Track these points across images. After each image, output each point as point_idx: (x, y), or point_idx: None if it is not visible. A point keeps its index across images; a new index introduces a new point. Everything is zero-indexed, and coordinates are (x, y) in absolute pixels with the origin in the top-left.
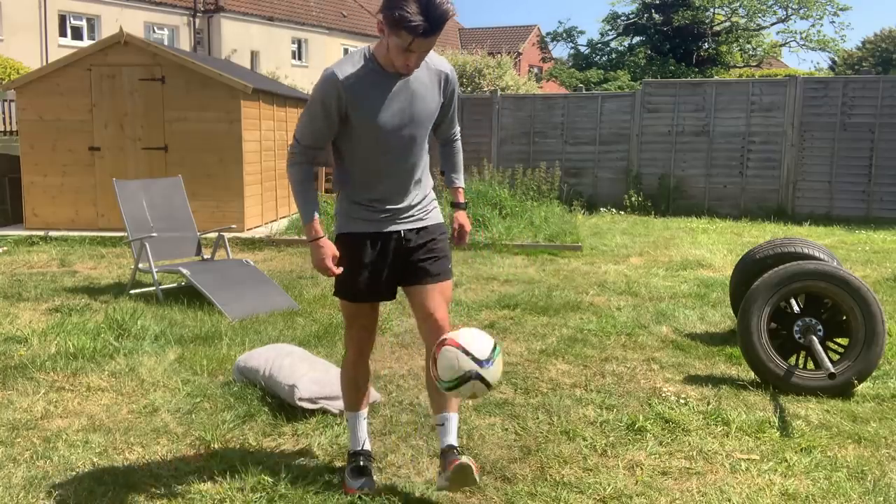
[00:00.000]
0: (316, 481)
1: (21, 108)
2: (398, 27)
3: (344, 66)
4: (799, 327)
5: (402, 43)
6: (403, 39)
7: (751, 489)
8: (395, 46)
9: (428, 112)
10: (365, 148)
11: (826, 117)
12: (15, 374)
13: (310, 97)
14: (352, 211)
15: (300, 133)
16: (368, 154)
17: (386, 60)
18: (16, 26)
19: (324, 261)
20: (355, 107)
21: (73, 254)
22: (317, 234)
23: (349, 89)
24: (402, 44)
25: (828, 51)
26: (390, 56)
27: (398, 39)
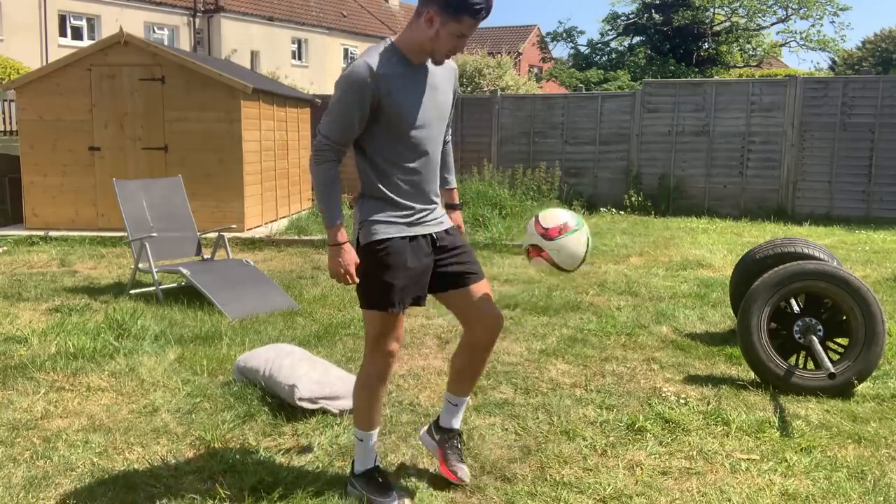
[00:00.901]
0: (316, 481)
1: (21, 107)
2: (461, 12)
3: (374, 57)
4: (799, 327)
5: (461, 28)
6: (464, 24)
7: (751, 489)
8: (448, 34)
9: (447, 105)
10: (396, 143)
11: (826, 117)
12: (15, 374)
13: (339, 90)
14: (384, 216)
15: (329, 129)
16: (399, 150)
17: (419, 50)
18: (16, 26)
19: (348, 266)
20: (389, 97)
21: (73, 254)
22: (342, 240)
23: (383, 79)
24: (461, 29)
25: (828, 51)
26: (436, 44)
27: (457, 25)
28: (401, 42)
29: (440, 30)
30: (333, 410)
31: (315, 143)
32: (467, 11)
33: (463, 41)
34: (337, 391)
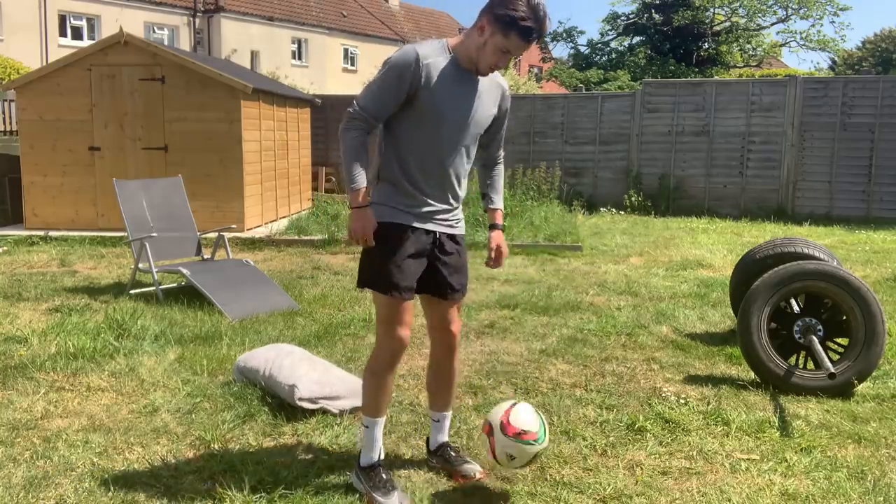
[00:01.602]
0: (316, 481)
1: (21, 107)
2: (510, 28)
3: (425, 48)
4: (799, 327)
5: (506, 44)
6: (511, 41)
7: (751, 489)
8: (494, 46)
9: (486, 116)
10: (424, 136)
11: (826, 117)
12: (15, 374)
13: (384, 68)
14: (395, 201)
15: (366, 101)
16: (426, 143)
17: (466, 57)
18: (16, 26)
19: (367, 229)
20: (428, 87)
21: (73, 254)
22: (364, 203)
23: (426, 68)
24: (507, 45)
25: (828, 51)
26: (481, 54)
27: (504, 40)
28: (454, 44)
29: (488, 40)
30: (333, 410)
31: (348, 112)
32: (516, 29)
33: (506, 58)
34: (337, 391)
